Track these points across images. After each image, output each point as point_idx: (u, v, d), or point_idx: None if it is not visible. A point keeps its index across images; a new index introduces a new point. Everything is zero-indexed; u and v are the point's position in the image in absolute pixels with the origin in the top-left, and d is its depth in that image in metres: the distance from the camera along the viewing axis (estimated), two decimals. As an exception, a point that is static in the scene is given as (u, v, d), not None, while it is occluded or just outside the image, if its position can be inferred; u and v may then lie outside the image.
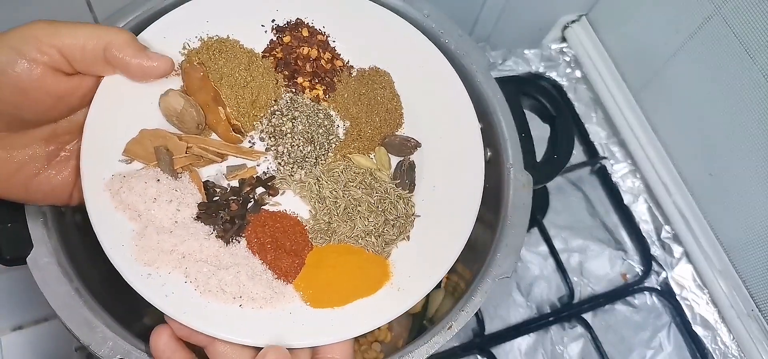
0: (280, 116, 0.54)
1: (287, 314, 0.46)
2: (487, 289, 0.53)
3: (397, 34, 0.60)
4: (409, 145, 0.56)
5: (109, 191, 0.46)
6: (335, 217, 0.51)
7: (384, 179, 0.54)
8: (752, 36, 0.69)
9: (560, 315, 0.77)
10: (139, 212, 0.46)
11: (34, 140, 0.46)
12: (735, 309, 0.79)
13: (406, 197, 0.54)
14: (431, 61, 0.59)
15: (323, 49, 0.59)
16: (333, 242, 0.50)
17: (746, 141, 0.73)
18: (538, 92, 0.67)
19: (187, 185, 0.49)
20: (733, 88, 0.73)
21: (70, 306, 0.46)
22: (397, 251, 0.51)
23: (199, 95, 0.52)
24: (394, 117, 0.58)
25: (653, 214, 0.87)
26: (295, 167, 0.53)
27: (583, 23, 0.95)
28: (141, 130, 0.49)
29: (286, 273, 0.48)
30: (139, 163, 0.48)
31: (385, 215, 0.51)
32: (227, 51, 0.54)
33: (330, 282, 0.48)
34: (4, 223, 0.49)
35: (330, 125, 0.56)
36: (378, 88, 0.58)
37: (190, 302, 0.44)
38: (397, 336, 0.73)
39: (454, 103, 0.58)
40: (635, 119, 0.89)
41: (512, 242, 0.56)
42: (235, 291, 0.45)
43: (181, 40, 0.54)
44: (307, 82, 0.57)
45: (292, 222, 0.51)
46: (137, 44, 0.47)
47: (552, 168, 0.64)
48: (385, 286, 0.49)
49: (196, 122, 0.51)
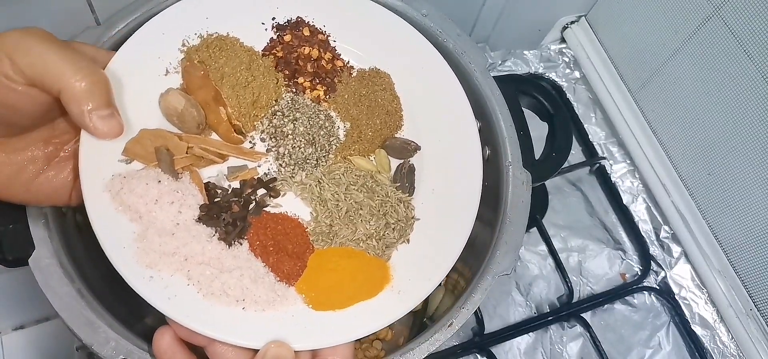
0: (281, 117, 0.54)
1: (290, 317, 0.46)
2: (487, 286, 0.54)
3: (397, 35, 0.60)
4: (410, 148, 0.56)
5: (109, 192, 0.46)
6: (337, 220, 0.51)
7: (384, 182, 0.54)
8: (751, 37, 0.69)
9: (559, 315, 0.77)
10: (140, 214, 0.46)
11: (33, 142, 0.46)
12: (733, 308, 0.79)
13: (407, 201, 0.54)
14: (430, 64, 0.59)
15: (324, 49, 0.58)
16: (334, 245, 0.51)
17: (745, 141, 0.73)
18: (536, 90, 0.67)
19: (188, 187, 0.48)
20: (732, 89, 0.73)
21: (72, 307, 0.46)
22: (397, 254, 0.52)
23: (199, 94, 0.52)
24: (394, 119, 0.58)
25: (652, 214, 0.87)
26: (296, 168, 0.53)
27: (582, 24, 0.95)
28: (141, 129, 0.49)
29: (288, 275, 0.48)
30: (139, 163, 0.48)
31: (386, 219, 0.52)
32: (227, 49, 0.54)
33: (332, 285, 0.48)
34: (6, 225, 0.49)
35: (331, 126, 0.56)
36: (378, 90, 0.58)
37: (192, 305, 0.44)
38: (398, 334, 0.73)
39: (453, 106, 0.58)
40: (634, 119, 0.89)
41: (512, 240, 0.56)
42: (239, 294, 0.45)
43: (181, 37, 0.54)
44: (308, 83, 0.57)
45: (294, 224, 0.51)
46: (91, 99, 0.43)
47: (550, 166, 0.64)
48: (386, 289, 0.49)
49: (197, 121, 0.50)
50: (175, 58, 0.53)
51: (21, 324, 0.86)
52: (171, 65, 0.53)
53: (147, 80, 0.51)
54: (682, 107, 0.81)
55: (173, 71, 0.53)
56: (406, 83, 0.59)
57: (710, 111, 0.77)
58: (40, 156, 0.46)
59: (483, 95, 0.61)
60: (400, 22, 0.60)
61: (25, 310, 0.85)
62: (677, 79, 0.81)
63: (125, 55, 0.51)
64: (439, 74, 0.59)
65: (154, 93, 0.50)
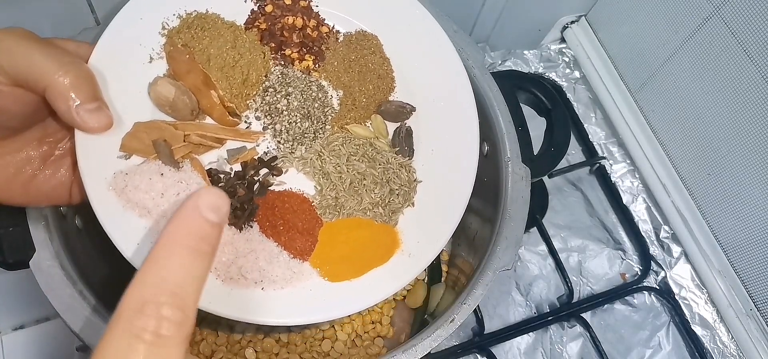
0: (273, 93, 0.53)
1: (308, 291, 0.47)
2: (488, 282, 0.54)
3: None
4: (405, 110, 0.56)
5: (114, 190, 0.45)
6: (342, 192, 0.51)
7: (384, 149, 0.54)
8: (751, 37, 0.69)
9: (559, 315, 0.77)
10: (148, 209, 0.45)
11: (27, 142, 0.46)
12: (734, 308, 0.79)
13: (408, 165, 0.54)
14: (416, 20, 0.59)
15: (308, 17, 0.57)
16: (341, 217, 0.51)
17: (745, 141, 0.73)
18: (534, 85, 0.68)
19: (191, 175, 0.48)
20: (732, 89, 0.73)
21: (74, 309, 0.46)
22: (404, 217, 0.53)
23: (188, 79, 0.50)
24: (386, 82, 0.57)
25: (652, 214, 0.87)
26: (294, 143, 0.53)
27: (582, 24, 0.95)
28: (135, 123, 0.48)
29: (301, 252, 0.49)
30: (138, 157, 0.47)
31: (390, 185, 0.52)
32: (210, 28, 0.52)
33: (344, 256, 0.50)
34: (6, 227, 0.49)
35: (324, 97, 0.55)
36: (368, 54, 0.57)
37: (214, 291, 0.45)
38: (400, 332, 0.73)
39: (443, 61, 0.58)
40: (634, 119, 0.89)
41: (512, 235, 0.56)
42: (256, 276, 0.46)
43: (159, 19, 0.52)
44: (296, 54, 0.55)
45: (300, 200, 0.51)
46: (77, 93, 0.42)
47: (549, 161, 0.64)
48: (397, 253, 0.51)
49: (190, 108, 0.49)
50: (157, 44, 0.52)
51: (21, 324, 0.86)
52: (154, 51, 0.51)
53: (132, 70, 0.50)
54: (682, 107, 0.81)
55: (157, 57, 0.51)
56: (394, 44, 0.58)
57: (710, 111, 0.77)
58: (35, 156, 0.46)
59: (481, 92, 0.61)
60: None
61: (25, 310, 0.85)
62: (677, 79, 0.81)
63: (105, 46, 0.49)
64: (425, 31, 0.58)
65: (142, 82, 0.49)
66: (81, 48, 0.48)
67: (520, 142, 0.60)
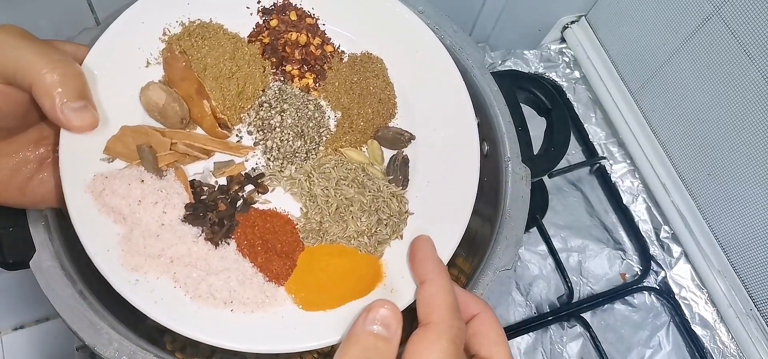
0: (268, 109, 0.52)
1: (279, 318, 0.45)
2: (488, 282, 0.53)
3: (390, 16, 0.57)
4: (403, 138, 0.54)
5: (91, 193, 0.44)
6: (327, 217, 0.49)
7: (377, 176, 0.52)
8: (751, 37, 0.69)
9: (559, 315, 0.78)
10: (124, 215, 0.44)
11: (23, 144, 0.46)
12: (734, 308, 0.79)
13: (400, 195, 0.52)
14: (425, 47, 0.57)
15: (313, 34, 0.56)
16: (325, 242, 0.49)
17: (745, 141, 0.73)
18: (534, 85, 0.67)
19: (173, 185, 0.47)
20: (732, 89, 0.73)
21: (74, 309, 0.46)
22: (390, 250, 0.50)
23: (181, 86, 0.50)
24: (387, 107, 0.55)
25: (652, 214, 0.87)
26: (284, 162, 0.51)
27: (582, 24, 0.95)
28: (122, 126, 0.47)
29: (277, 275, 0.46)
30: (122, 162, 0.46)
31: (378, 215, 0.50)
32: (210, 37, 0.51)
33: (322, 284, 0.47)
34: (6, 227, 0.48)
35: (320, 117, 0.54)
36: (370, 76, 0.56)
37: (180, 308, 0.43)
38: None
39: (449, 92, 0.56)
40: (634, 119, 0.89)
41: (512, 235, 0.55)
42: (226, 296, 0.44)
43: (161, 25, 0.51)
44: (296, 71, 0.54)
45: (283, 221, 0.49)
46: (63, 90, 0.41)
47: (549, 161, 0.64)
48: (378, 287, 0.47)
49: (180, 116, 0.48)
50: (156, 49, 0.51)
51: (21, 324, 0.86)
52: (152, 56, 0.51)
53: (127, 73, 0.49)
54: (682, 107, 0.81)
55: (155, 63, 0.51)
56: (400, 69, 0.56)
57: (710, 111, 0.77)
58: (31, 158, 0.46)
59: (481, 91, 0.60)
60: (394, 3, 0.57)
61: (25, 310, 0.85)
62: (677, 79, 0.81)
63: (103, 47, 0.48)
64: (434, 59, 0.57)
65: (136, 87, 0.48)
66: (79, 51, 0.48)
67: (520, 142, 0.59)
